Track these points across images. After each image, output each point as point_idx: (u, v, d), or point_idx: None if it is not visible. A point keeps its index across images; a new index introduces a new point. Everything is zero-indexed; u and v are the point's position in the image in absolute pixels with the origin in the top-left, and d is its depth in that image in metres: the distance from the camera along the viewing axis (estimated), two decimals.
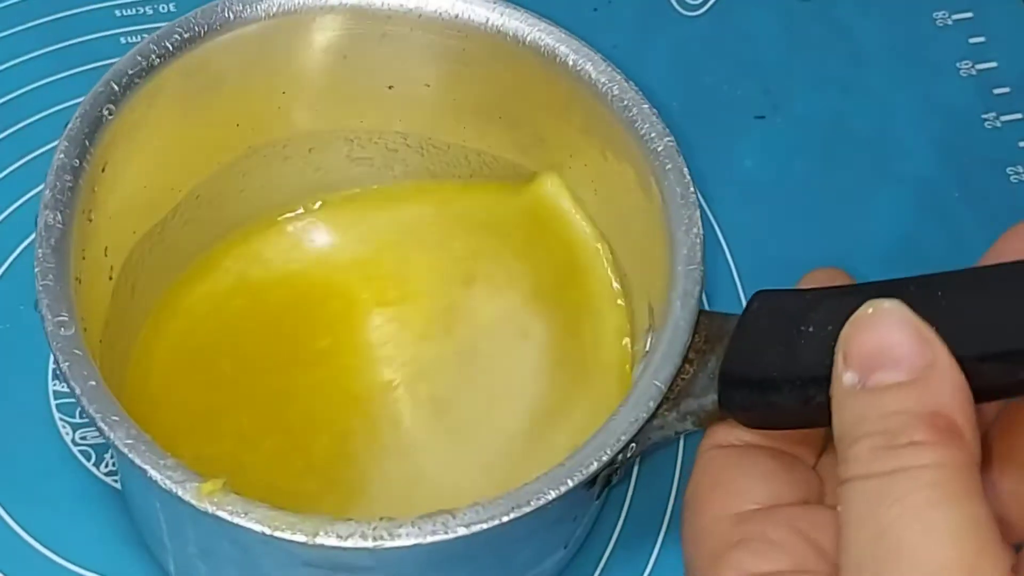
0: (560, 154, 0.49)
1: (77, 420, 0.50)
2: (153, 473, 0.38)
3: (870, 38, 0.60)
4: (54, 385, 0.50)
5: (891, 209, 0.57)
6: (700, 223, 0.43)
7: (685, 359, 0.41)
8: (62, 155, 0.43)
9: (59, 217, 0.42)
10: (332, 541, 0.37)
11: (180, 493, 0.38)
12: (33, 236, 0.41)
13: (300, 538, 0.37)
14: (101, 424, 0.39)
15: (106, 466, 0.49)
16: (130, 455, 0.38)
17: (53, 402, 0.50)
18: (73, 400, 0.39)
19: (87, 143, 0.43)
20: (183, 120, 0.47)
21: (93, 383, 0.39)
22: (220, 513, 0.38)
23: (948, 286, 0.36)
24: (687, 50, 0.60)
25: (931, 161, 0.57)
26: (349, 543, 0.38)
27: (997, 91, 0.59)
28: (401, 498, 0.47)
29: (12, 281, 0.51)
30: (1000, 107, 0.59)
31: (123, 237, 0.47)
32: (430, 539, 0.38)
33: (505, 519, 0.38)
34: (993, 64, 0.60)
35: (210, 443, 0.47)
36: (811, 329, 0.38)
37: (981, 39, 0.60)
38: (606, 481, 0.42)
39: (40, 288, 0.41)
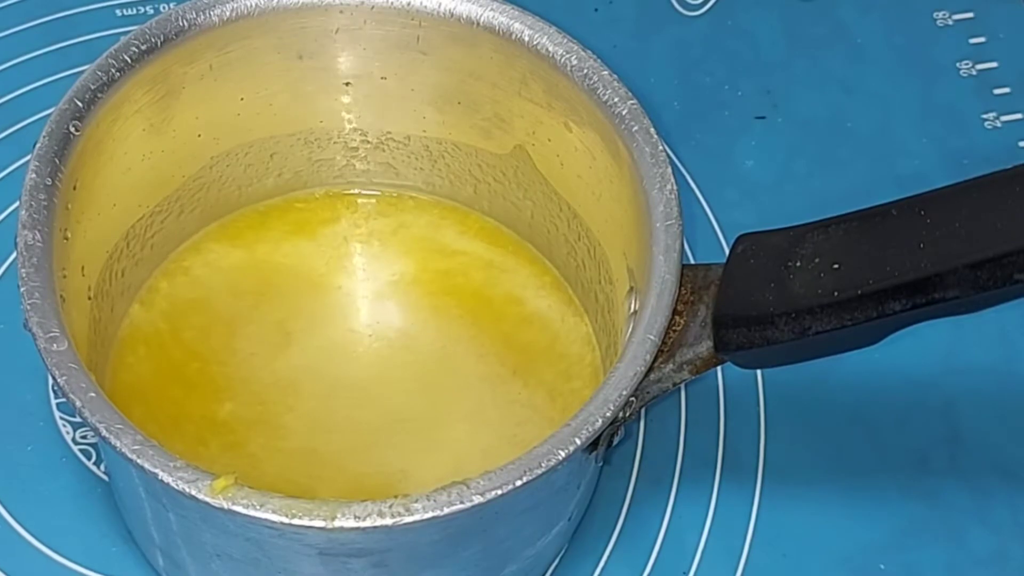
0: (522, 133, 0.49)
1: (77, 419, 0.49)
2: (164, 476, 0.38)
3: (870, 38, 0.61)
4: (54, 384, 0.49)
5: None
6: (673, 179, 0.44)
7: (674, 311, 0.41)
8: (34, 174, 0.43)
9: (38, 236, 0.42)
10: (351, 523, 0.38)
11: (194, 492, 0.38)
12: None
13: (319, 523, 0.37)
14: (106, 434, 0.38)
15: (106, 465, 0.49)
16: (139, 461, 0.38)
17: (53, 401, 0.50)
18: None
19: (57, 161, 0.43)
20: (146, 133, 0.47)
21: (93, 395, 0.39)
22: (235, 507, 0.38)
23: (929, 204, 0.37)
24: (687, 50, 0.60)
25: (931, 161, 0.57)
26: (368, 523, 0.38)
27: (997, 91, 0.59)
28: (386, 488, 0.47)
29: (11, 281, 0.50)
30: (1000, 107, 0.59)
31: (97, 255, 0.47)
32: (447, 510, 0.38)
33: (519, 483, 0.38)
34: (993, 64, 0.60)
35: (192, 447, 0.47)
36: (799, 264, 0.39)
37: (981, 39, 0.60)
38: (608, 441, 0.43)
39: (28, 307, 0.40)
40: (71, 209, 0.44)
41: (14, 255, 0.51)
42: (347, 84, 0.50)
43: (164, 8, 0.45)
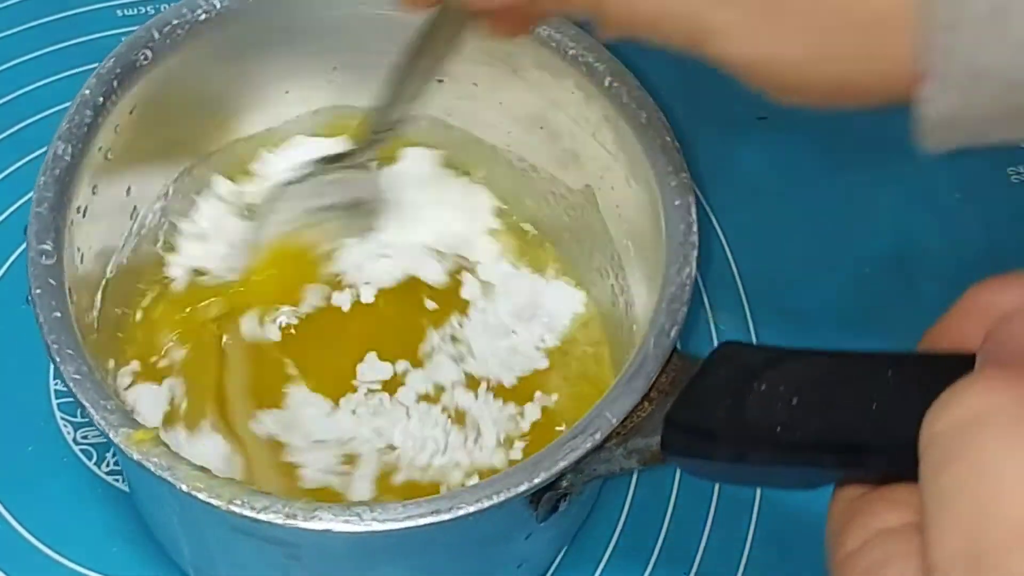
0: (592, 174, 0.48)
1: (78, 419, 0.50)
2: (92, 412, 0.39)
3: None
4: (55, 384, 0.50)
5: (892, 209, 0.56)
6: (695, 266, 0.42)
7: (646, 397, 0.40)
8: (87, 91, 0.44)
9: (69, 149, 0.43)
10: (246, 511, 0.37)
11: (112, 435, 0.38)
12: None
13: (215, 502, 0.37)
14: (54, 354, 0.39)
15: (107, 465, 0.49)
16: (73, 389, 0.39)
17: (54, 401, 0.50)
18: (74, 401, 0.39)
19: (115, 83, 0.44)
20: (221, 77, 0.47)
21: (58, 314, 0.40)
22: (146, 464, 0.38)
23: (902, 368, 0.34)
24: None
25: (931, 161, 0.55)
26: (262, 516, 0.37)
27: None
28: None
29: (12, 281, 0.52)
30: None
31: (150, 181, 0.48)
32: (342, 528, 0.37)
33: (422, 522, 0.37)
34: None
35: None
36: (763, 388, 0.36)
37: None
38: (552, 505, 0.41)
39: (33, 215, 0.41)
40: (120, 132, 0.45)
41: (15, 256, 0.52)
42: (440, 81, 0.49)
43: (164, 8, 0.46)
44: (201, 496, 0.38)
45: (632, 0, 0.33)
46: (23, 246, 0.50)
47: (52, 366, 0.49)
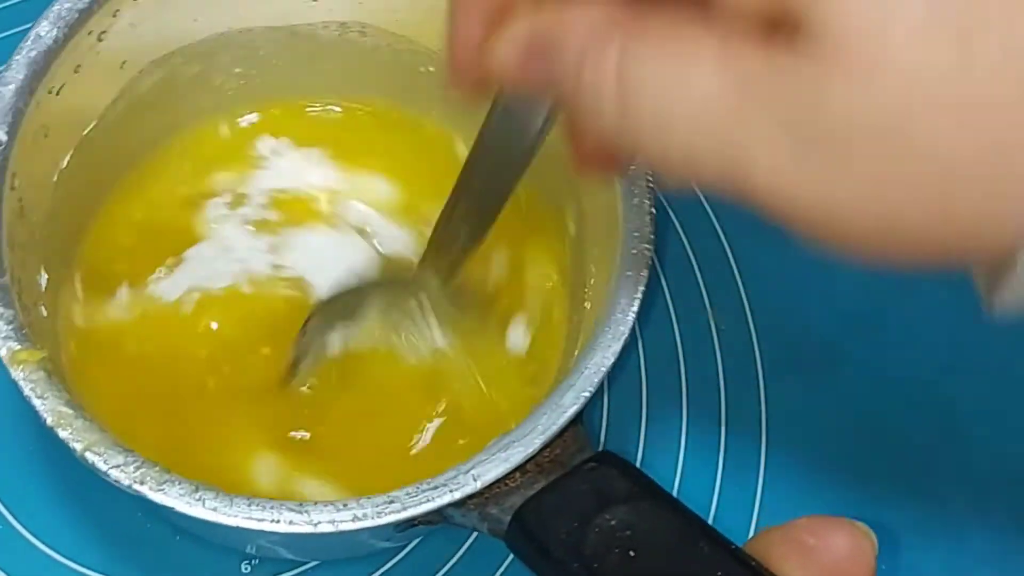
0: (585, 191, 0.47)
1: None
2: None
3: None
4: None
5: None
6: (624, 344, 0.40)
7: (520, 468, 0.39)
8: None
9: (53, 32, 0.42)
10: (98, 464, 0.38)
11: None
12: None
13: (73, 444, 0.38)
14: None
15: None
16: None
17: None
18: None
19: None
20: None
21: None
22: (22, 385, 0.38)
23: (731, 566, 0.34)
24: None
25: None
26: (112, 473, 0.38)
27: None
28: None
29: None
30: None
31: (149, 54, 0.47)
32: (185, 509, 0.38)
33: (255, 527, 0.37)
34: None
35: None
36: (612, 523, 0.36)
37: None
38: (410, 524, 0.42)
39: None
40: (119, 16, 0.44)
41: None
42: None
43: None
44: (61, 434, 0.38)
45: (663, 128, 0.28)
46: None
47: None
